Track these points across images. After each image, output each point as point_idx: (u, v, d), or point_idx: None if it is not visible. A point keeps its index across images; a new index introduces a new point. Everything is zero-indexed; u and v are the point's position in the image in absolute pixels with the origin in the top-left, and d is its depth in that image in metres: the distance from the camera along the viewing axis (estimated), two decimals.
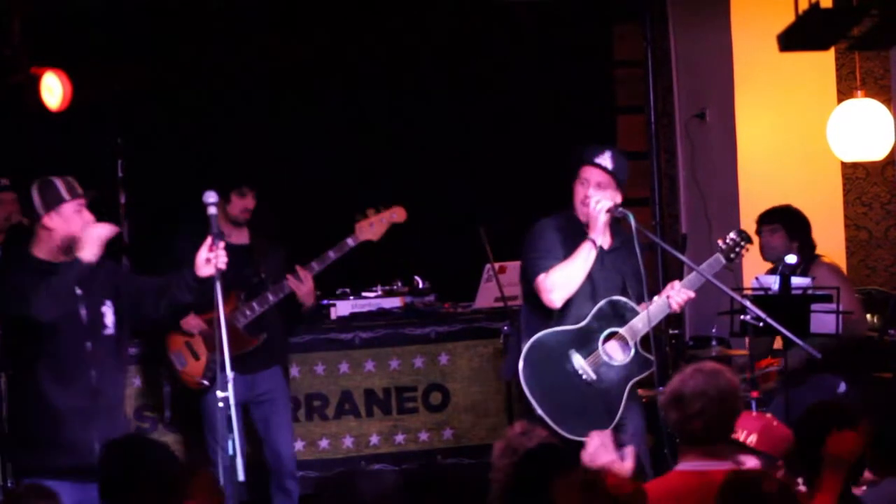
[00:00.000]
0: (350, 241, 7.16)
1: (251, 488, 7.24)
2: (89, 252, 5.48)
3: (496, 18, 9.25)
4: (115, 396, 5.65)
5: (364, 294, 8.45)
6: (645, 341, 6.10)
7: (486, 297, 8.37)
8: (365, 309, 8.34)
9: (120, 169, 8.87)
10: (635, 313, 6.08)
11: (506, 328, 7.61)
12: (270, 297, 7.05)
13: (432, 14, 9.25)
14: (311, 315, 7.47)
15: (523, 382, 6.01)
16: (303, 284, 7.06)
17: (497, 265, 8.02)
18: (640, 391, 6.78)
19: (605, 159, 6.10)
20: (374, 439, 8.08)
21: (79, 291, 5.50)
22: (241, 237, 7.22)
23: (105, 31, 8.74)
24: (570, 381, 6.03)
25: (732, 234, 6.29)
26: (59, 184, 5.59)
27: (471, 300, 8.47)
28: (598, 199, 6.03)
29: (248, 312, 7.04)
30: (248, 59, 9.16)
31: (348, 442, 8.04)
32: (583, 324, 6.07)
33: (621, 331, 6.08)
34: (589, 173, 6.12)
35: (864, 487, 4.60)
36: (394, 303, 8.44)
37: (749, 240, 6.35)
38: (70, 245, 5.51)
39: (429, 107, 9.45)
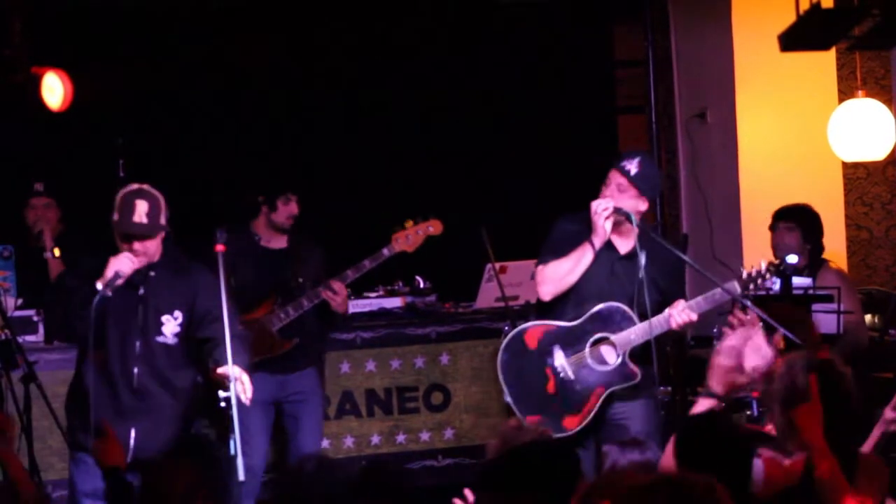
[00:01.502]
0: (386, 251, 7.25)
1: (268, 488, 7.23)
2: (102, 281, 5.63)
3: (496, 18, 9.25)
4: (164, 400, 5.81)
5: (365, 294, 8.45)
6: (641, 353, 6.06)
7: (486, 297, 8.37)
8: (366, 309, 8.34)
9: (120, 169, 8.86)
10: (632, 323, 6.06)
11: (507, 328, 7.60)
12: (305, 303, 7.12)
13: (432, 14, 9.24)
14: (344, 320, 7.54)
15: (499, 366, 6.16)
16: (337, 296, 7.12)
17: (498, 265, 8.01)
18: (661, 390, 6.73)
19: (631, 164, 6.08)
20: (376, 439, 8.08)
21: (141, 291, 5.74)
22: (280, 242, 7.28)
23: (105, 31, 8.73)
24: (544, 375, 6.09)
25: (763, 265, 6.09)
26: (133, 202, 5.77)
27: (472, 300, 8.46)
28: (602, 202, 6.01)
29: (282, 316, 7.12)
30: (248, 59, 9.15)
31: (349, 442, 8.04)
32: (575, 323, 6.07)
33: (612, 338, 6.06)
34: (613, 176, 6.12)
35: None
36: (395, 303, 8.44)
37: (777, 272, 6.14)
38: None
39: (429, 106, 9.44)
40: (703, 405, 4.36)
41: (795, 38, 7.29)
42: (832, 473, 4.14)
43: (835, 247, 8.22)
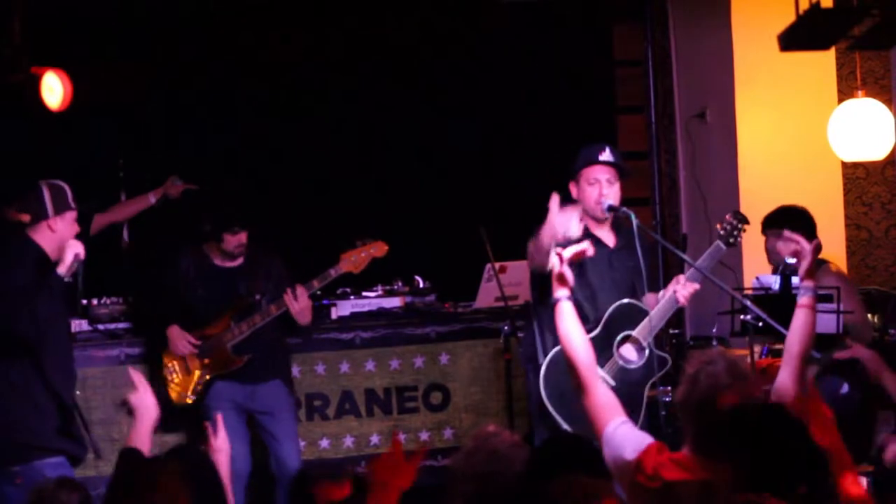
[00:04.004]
0: (332, 272, 7.36)
1: (253, 491, 7.27)
2: (64, 267, 5.72)
3: (496, 18, 9.24)
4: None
5: (364, 294, 8.45)
6: (658, 339, 6.13)
7: (486, 296, 8.37)
8: (365, 309, 8.34)
9: (120, 169, 8.87)
10: (645, 314, 6.08)
11: (506, 328, 7.62)
12: (258, 319, 7.25)
13: (431, 13, 9.24)
14: (307, 331, 7.59)
15: (547, 404, 6.05)
16: (297, 302, 7.19)
17: (497, 265, 8.01)
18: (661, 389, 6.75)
19: (605, 154, 6.23)
20: (375, 439, 8.08)
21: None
22: (234, 261, 7.35)
23: (105, 31, 8.73)
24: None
25: (729, 217, 6.29)
26: (68, 191, 5.93)
27: (471, 300, 8.46)
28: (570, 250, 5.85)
29: (236, 332, 7.26)
30: (248, 60, 9.15)
31: (349, 442, 8.04)
32: (595, 333, 6.06)
33: (634, 333, 6.09)
34: (597, 172, 6.18)
35: None
36: (394, 302, 8.44)
37: (745, 220, 6.34)
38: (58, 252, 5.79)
39: (428, 106, 9.44)
40: None
41: (795, 38, 7.29)
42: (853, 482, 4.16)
43: (834, 247, 8.22)
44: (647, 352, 6.10)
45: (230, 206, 7.32)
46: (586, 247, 4.95)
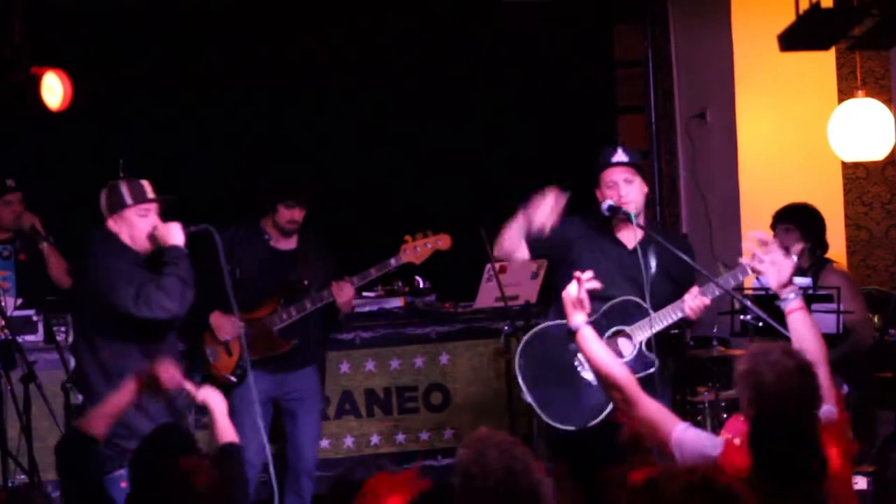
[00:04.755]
0: (393, 262, 7.29)
1: (261, 488, 7.23)
2: (178, 238, 5.76)
3: (496, 18, 9.24)
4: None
5: (365, 294, 8.44)
6: (657, 342, 6.09)
7: (486, 296, 8.35)
8: (365, 309, 8.34)
9: (120, 169, 8.86)
10: (646, 314, 6.06)
11: (506, 328, 7.60)
12: (308, 305, 7.16)
13: (431, 13, 9.24)
14: (346, 322, 7.61)
15: (517, 368, 6.16)
16: (343, 293, 7.15)
17: (498, 265, 7.99)
18: None
19: (619, 155, 6.20)
20: (375, 439, 8.08)
21: None
22: (289, 243, 7.30)
23: (105, 31, 8.74)
24: (565, 372, 6.09)
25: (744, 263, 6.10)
26: (124, 188, 5.86)
27: (471, 300, 8.44)
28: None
29: (284, 317, 7.15)
30: (248, 60, 9.15)
31: (349, 442, 8.04)
32: (592, 318, 6.07)
33: (628, 329, 6.08)
34: (614, 175, 6.18)
35: None
36: (394, 303, 8.44)
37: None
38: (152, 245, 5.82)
39: (428, 106, 9.44)
40: None
41: (795, 38, 7.29)
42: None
43: (835, 247, 8.21)
44: (635, 351, 6.10)
45: (290, 179, 7.24)
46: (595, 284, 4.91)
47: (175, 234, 5.78)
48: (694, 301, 6.02)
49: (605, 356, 4.67)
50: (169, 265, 5.72)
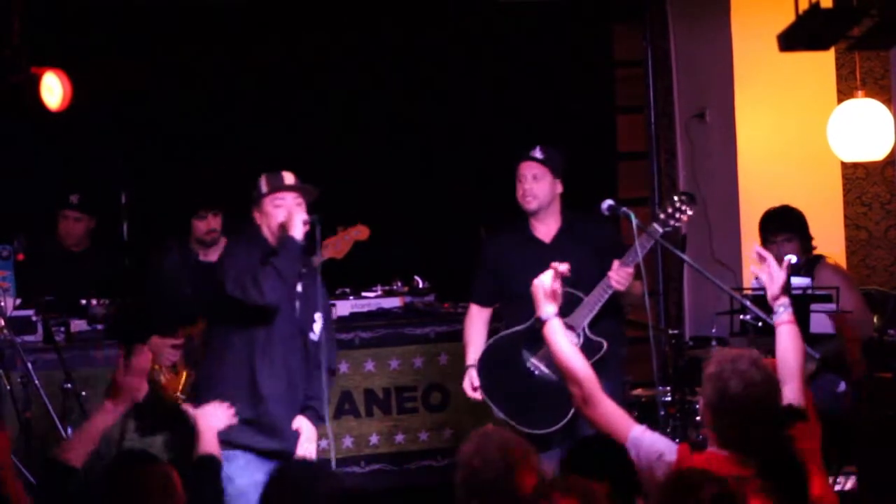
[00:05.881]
0: (315, 260, 7.28)
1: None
2: (297, 231, 5.85)
3: (496, 18, 9.25)
4: (301, 394, 6.09)
5: (364, 294, 8.44)
6: (593, 324, 6.23)
7: None
8: (365, 309, 8.33)
9: (120, 169, 8.87)
10: (580, 301, 6.22)
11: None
12: None
13: (431, 13, 9.24)
14: None
15: (482, 388, 6.48)
16: None
17: None
18: (639, 391, 6.85)
19: (535, 151, 6.51)
20: (374, 439, 8.08)
21: (299, 288, 5.97)
22: (213, 254, 7.22)
23: (105, 31, 8.74)
24: (524, 379, 6.31)
25: (674, 198, 6.33)
26: (263, 179, 6.02)
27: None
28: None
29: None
30: (248, 60, 9.15)
31: (348, 442, 8.04)
32: (530, 322, 6.11)
33: (567, 320, 6.10)
34: (524, 169, 6.50)
35: None
36: (394, 303, 8.44)
37: (693, 201, 6.36)
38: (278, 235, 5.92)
39: (429, 106, 9.44)
40: None
41: (795, 38, 7.29)
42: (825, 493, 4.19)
43: (834, 247, 8.22)
44: (581, 339, 6.16)
45: (199, 189, 7.30)
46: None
47: (294, 226, 5.88)
48: (618, 273, 6.20)
49: (570, 350, 4.74)
50: (274, 256, 5.84)
